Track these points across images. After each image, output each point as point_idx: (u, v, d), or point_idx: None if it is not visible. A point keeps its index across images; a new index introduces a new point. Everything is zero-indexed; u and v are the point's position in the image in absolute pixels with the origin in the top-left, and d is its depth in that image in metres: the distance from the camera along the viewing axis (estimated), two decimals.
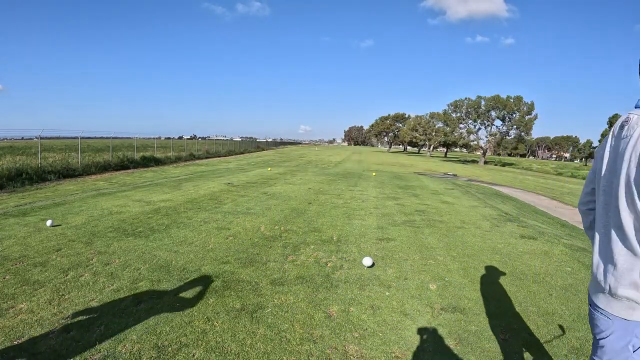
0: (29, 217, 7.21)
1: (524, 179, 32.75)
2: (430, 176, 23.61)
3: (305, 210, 8.82)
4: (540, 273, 5.21)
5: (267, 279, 4.56)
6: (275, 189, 12.53)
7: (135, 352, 2.95)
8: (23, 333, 3.13)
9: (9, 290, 3.91)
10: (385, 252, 5.84)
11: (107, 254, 5.19)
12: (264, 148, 64.34)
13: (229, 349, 3.06)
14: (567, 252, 6.29)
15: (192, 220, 7.40)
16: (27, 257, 4.90)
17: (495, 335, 3.49)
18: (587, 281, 5.00)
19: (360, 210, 9.24)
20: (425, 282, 4.70)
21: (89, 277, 4.35)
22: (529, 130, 62.68)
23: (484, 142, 68.03)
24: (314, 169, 23.26)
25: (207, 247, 5.67)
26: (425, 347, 3.27)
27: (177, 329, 3.32)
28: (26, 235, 5.91)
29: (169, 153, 28.30)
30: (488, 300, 4.24)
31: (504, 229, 7.96)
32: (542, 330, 3.61)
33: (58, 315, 3.45)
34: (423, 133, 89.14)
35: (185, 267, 4.79)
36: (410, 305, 4.03)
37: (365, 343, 3.27)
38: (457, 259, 5.63)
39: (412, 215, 8.94)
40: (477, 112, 66.28)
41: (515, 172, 45.68)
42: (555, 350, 3.28)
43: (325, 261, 5.28)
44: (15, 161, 15.42)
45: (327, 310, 3.84)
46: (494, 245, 6.48)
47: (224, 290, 4.17)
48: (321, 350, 3.13)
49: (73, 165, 16.09)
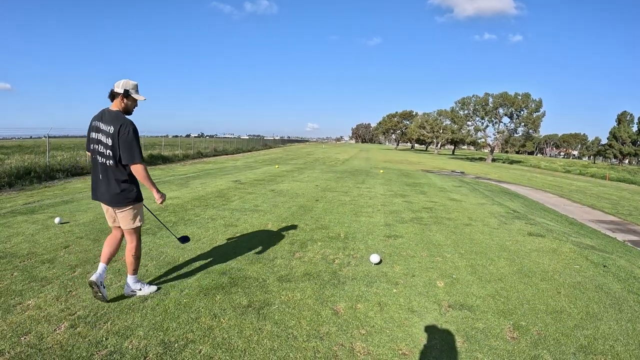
0: (37, 214, 7.25)
1: (532, 176, 32.54)
2: (437, 174, 23.53)
3: (313, 208, 8.81)
4: (549, 271, 5.17)
5: (274, 275, 4.56)
6: (282, 186, 12.53)
7: (141, 348, 2.96)
8: (30, 329, 3.15)
9: (17, 286, 3.93)
10: (392, 249, 5.82)
11: None
12: (272, 146, 64.43)
13: (236, 346, 3.06)
14: (575, 250, 6.23)
15: (199, 217, 7.42)
16: (35, 254, 4.93)
17: (503, 333, 3.47)
18: (595, 279, 4.95)
19: (368, 207, 9.22)
20: (432, 279, 4.68)
21: None
22: (537, 128, 62.34)
23: (492, 140, 67.69)
24: (321, 166, 23.24)
25: (214, 244, 5.68)
26: (432, 344, 3.25)
27: (183, 325, 3.32)
28: (34, 232, 5.94)
29: (176, 151, 28.40)
30: (496, 297, 4.21)
31: (511, 226, 7.91)
32: (550, 329, 3.58)
33: (65, 312, 3.46)
34: (430, 130, 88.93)
35: (192, 263, 4.80)
36: (417, 303, 4.01)
37: (372, 340, 3.26)
38: (464, 256, 5.60)
39: (420, 212, 8.90)
40: (484, 110, 65.96)
41: (523, 169, 45.39)
42: (563, 348, 3.25)
43: (332, 258, 5.27)
44: (24, 160, 15.53)
45: (334, 307, 3.83)
46: (501, 243, 6.44)
47: (231, 286, 4.17)
48: (328, 347, 3.12)
49: (81, 163, 16.18)
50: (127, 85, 3.61)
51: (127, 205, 3.71)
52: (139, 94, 3.69)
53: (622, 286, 4.76)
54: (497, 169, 41.08)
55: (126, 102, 3.65)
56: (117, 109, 3.63)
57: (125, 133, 3.50)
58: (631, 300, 4.34)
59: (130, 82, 3.63)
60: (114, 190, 3.62)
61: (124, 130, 3.50)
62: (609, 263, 5.67)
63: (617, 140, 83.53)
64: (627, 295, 4.48)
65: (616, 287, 4.72)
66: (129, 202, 3.69)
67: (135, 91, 3.67)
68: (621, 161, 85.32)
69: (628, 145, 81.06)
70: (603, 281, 4.88)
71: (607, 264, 5.62)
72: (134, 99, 3.69)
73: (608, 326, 3.68)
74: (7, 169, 12.67)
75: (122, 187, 3.63)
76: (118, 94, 3.60)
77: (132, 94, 3.63)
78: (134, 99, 3.69)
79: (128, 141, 3.51)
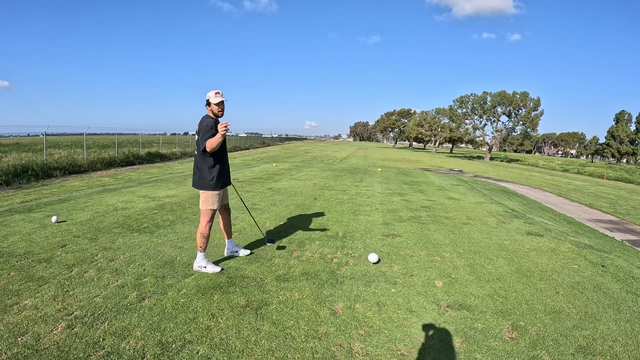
0: (34, 213, 7.22)
1: (530, 175, 32.61)
2: (436, 172, 23.54)
3: (311, 206, 8.79)
4: (547, 270, 5.17)
5: (272, 275, 4.54)
6: (280, 184, 12.51)
7: (139, 348, 2.94)
8: (27, 329, 3.13)
9: (14, 286, 3.91)
10: (391, 248, 5.81)
11: (112, 250, 5.19)
12: (270, 144, 64.34)
13: (234, 346, 3.04)
14: (574, 250, 6.23)
15: (197, 215, 7.39)
16: (32, 254, 4.91)
17: (501, 333, 3.46)
18: (594, 279, 4.95)
19: (366, 206, 9.20)
20: (431, 278, 4.67)
21: (93, 273, 4.35)
22: (535, 127, 62.48)
23: (490, 138, 67.78)
24: (320, 164, 23.23)
25: (211, 242, 5.66)
26: (431, 344, 3.24)
27: (181, 326, 3.31)
28: (31, 231, 5.91)
29: (174, 149, 28.37)
30: (494, 297, 4.20)
31: (510, 225, 7.90)
32: (549, 329, 3.57)
33: (62, 312, 3.44)
34: (429, 129, 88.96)
35: (190, 263, 4.78)
36: (416, 302, 4.00)
37: (370, 340, 3.25)
38: (463, 256, 5.59)
39: (418, 211, 8.89)
40: (483, 108, 66.05)
41: (521, 168, 45.46)
42: (562, 349, 3.24)
43: (330, 257, 5.26)
44: (21, 158, 15.49)
45: (332, 307, 3.81)
46: (500, 242, 6.43)
47: (229, 286, 4.15)
48: (326, 347, 3.11)
49: (79, 161, 16.15)
50: (208, 95, 4.42)
51: (200, 189, 4.54)
52: (216, 97, 4.36)
53: (621, 286, 4.75)
54: (495, 167, 41.13)
55: (210, 108, 4.42)
56: (206, 114, 4.47)
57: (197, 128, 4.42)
58: (630, 300, 4.33)
59: (210, 93, 4.41)
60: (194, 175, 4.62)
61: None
62: (608, 263, 5.66)
63: (615, 139, 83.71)
64: (626, 295, 4.47)
65: (615, 287, 4.72)
66: (201, 187, 4.52)
67: (214, 97, 4.36)
68: (619, 160, 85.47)
69: (626, 145, 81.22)
70: (601, 281, 4.88)
71: (606, 263, 5.62)
72: (215, 104, 4.36)
73: (607, 326, 3.67)
74: (5, 167, 12.64)
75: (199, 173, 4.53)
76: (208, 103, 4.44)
77: (211, 100, 4.37)
78: (214, 104, 4.37)
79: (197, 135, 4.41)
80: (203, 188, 4.49)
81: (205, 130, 4.29)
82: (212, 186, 4.47)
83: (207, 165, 4.44)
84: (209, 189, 4.48)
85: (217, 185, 4.51)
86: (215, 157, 4.45)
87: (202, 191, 4.51)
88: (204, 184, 4.47)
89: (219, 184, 4.53)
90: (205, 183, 4.47)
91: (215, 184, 4.48)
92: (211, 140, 4.20)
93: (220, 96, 4.39)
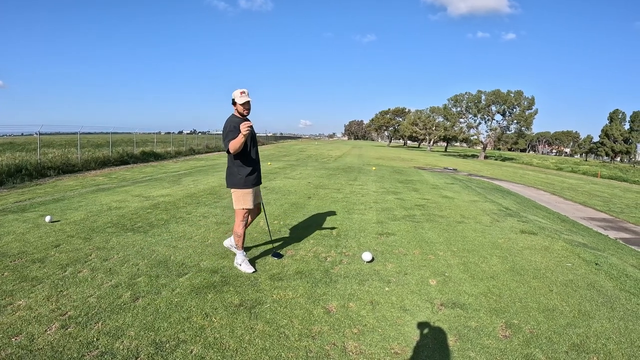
0: (27, 213, 7.19)
1: (524, 173, 32.75)
2: (430, 170, 23.60)
3: (305, 205, 8.80)
4: (541, 269, 5.19)
5: (266, 274, 4.54)
6: (275, 183, 12.50)
7: (133, 348, 2.94)
8: (21, 330, 3.11)
9: (7, 286, 3.89)
10: (385, 246, 5.82)
11: (105, 249, 5.17)
12: (264, 142, 64.24)
13: (227, 345, 3.04)
14: (567, 248, 6.26)
15: (191, 215, 7.38)
16: (25, 254, 4.88)
17: (495, 331, 3.48)
18: (587, 277, 4.98)
19: (360, 204, 9.22)
20: (425, 277, 4.68)
21: (87, 273, 4.33)
22: (529, 125, 62.77)
23: (484, 137, 67.99)
24: (314, 163, 23.23)
25: (206, 242, 5.66)
26: (424, 343, 3.25)
27: (175, 325, 3.30)
28: (25, 231, 5.89)
29: (168, 148, 28.29)
30: (488, 296, 4.22)
31: (504, 224, 7.94)
32: (542, 327, 3.59)
33: (56, 312, 3.43)
34: (423, 127, 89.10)
35: (184, 262, 4.78)
36: (410, 301, 4.02)
37: (364, 339, 3.26)
38: (457, 254, 5.61)
39: (412, 209, 8.91)
40: (477, 107, 66.27)
41: (516, 166, 45.65)
42: (556, 347, 3.26)
43: (324, 256, 5.26)
44: (14, 157, 15.39)
45: (326, 305, 3.82)
46: (494, 241, 6.46)
47: (223, 285, 4.15)
48: (320, 346, 3.11)
49: (72, 160, 16.07)
50: (233, 94, 4.42)
51: (231, 188, 4.61)
52: (242, 97, 4.36)
53: (614, 284, 4.78)
54: (490, 166, 41.28)
55: (236, 107, 4.44)
56: (232, 114, 4.51)
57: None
58: (623, 298, 4.36)
59: (235, 92, 4.42)
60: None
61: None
62: (601, 261, 5.70)
63: (609, 138, 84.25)
64: (619, 293, 4.50)
65: (608, 285, 4.75)
66: (231, 185, 4.60)
67: (239, 97, 4.36)
68: (613, 159, 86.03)
69: (620, 143, 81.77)
70: (595, 279, 4.91)
71: (599, 261, 5.65)
72: (240, 104, 4.38)
73: (600, 324, 3.70)
74: None
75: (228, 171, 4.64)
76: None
77: (237, 100, 4.37)
78: (240, 104, 4.38)
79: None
80: (233, 186, 4.56)
81: (228, 130, 4.33)
82: (242, 184, 4.52)
83: (236, 164, 4.51)
84: (238, 187, 4.54)
85: (247, 183, 4.55)
86: (244, 155, 4.49)
87: (233, 190, 4.58)
88: (234, 182, 4.54)
89: (249, 183, 4.57)
90: (235, 181, 4.54)
91: (244, 182, 4.53)
92: (234, 142, 4.22)
93: (246, 96, 4.40)
